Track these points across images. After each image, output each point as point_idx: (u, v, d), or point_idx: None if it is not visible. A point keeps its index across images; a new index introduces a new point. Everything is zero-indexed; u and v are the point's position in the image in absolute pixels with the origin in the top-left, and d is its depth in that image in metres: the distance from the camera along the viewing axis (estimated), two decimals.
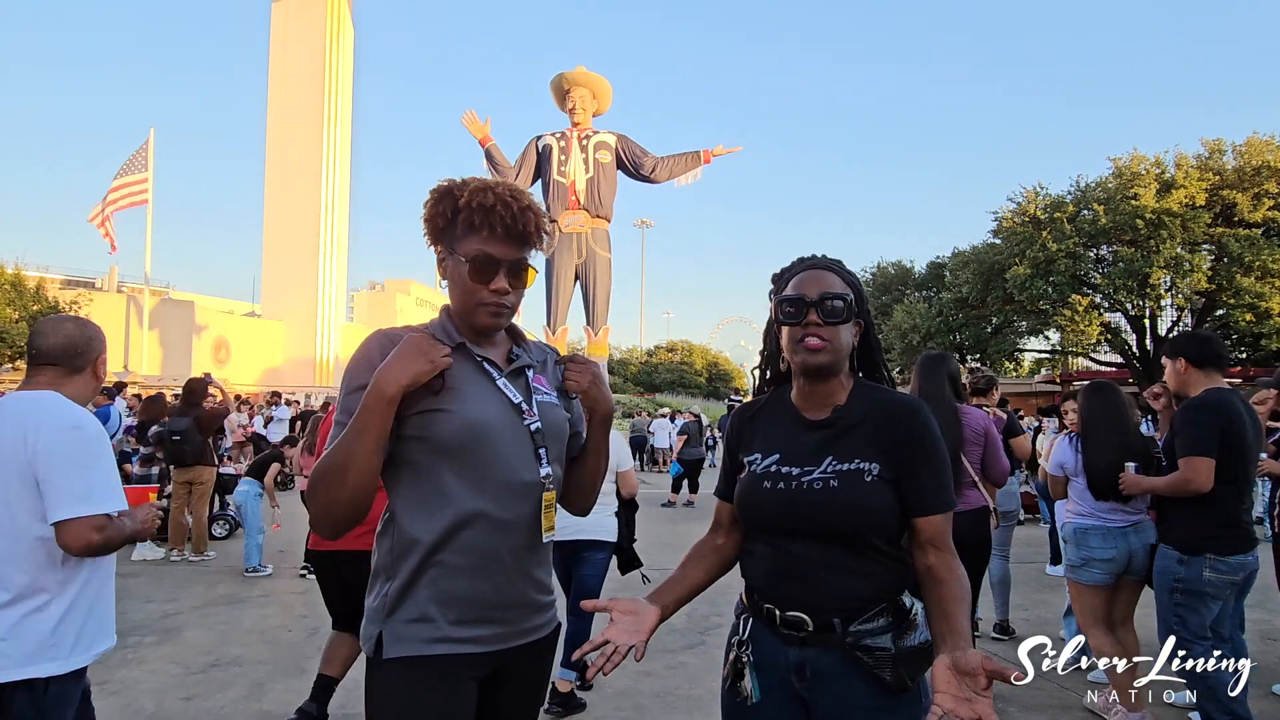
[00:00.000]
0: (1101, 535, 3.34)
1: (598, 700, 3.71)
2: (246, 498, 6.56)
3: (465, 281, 1.37)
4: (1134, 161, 21.75)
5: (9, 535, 1.75)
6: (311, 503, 1.31)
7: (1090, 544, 3.36)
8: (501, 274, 1.37)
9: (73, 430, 1.80)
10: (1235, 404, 2.93)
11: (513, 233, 1.36)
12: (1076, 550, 3.41)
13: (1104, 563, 3.32)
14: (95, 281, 39.41)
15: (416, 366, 1.27)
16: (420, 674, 1.31)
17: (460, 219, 1.35)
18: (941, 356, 3.62)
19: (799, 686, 1.39)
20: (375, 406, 1.25)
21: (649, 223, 53.82)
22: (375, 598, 1.37)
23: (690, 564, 1.63)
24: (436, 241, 1.42)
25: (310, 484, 1.30)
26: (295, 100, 39.47)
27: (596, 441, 1.56)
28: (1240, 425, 2.88)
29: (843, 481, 1.38)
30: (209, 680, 3.92)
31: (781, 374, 1.58)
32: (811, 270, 1.49)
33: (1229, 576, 2.82)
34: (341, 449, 1.26)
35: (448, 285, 1.42)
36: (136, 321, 31.42)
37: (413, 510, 1.34)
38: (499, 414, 1.37)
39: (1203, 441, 2.85)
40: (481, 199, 1.34)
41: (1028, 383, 30.38)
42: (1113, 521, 3.34)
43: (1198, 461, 2.84)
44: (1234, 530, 2.86)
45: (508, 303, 1.39)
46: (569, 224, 16.84)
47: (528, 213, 1.37)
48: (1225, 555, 2.82)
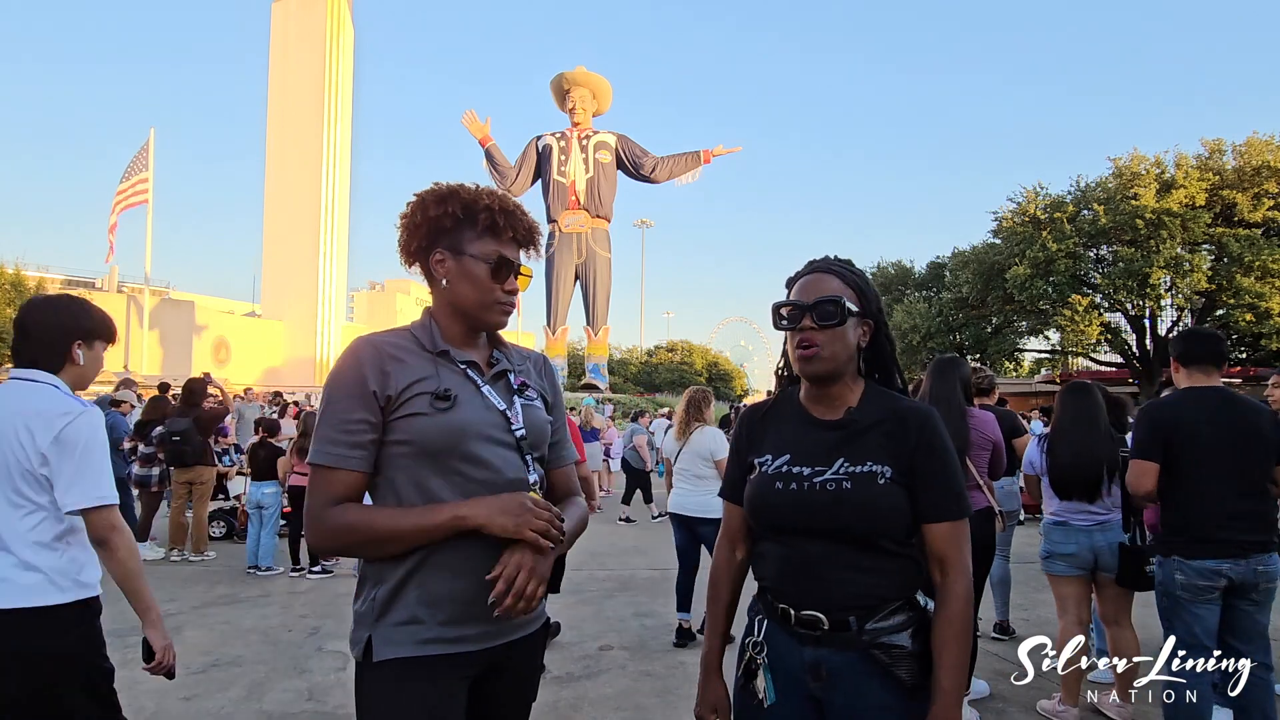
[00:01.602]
0: (1064, 531, 3.47)
1: (598, 700, 3.71)
2: (272, 498, 6.59)
3: (484, 281, 1.41)
4: (1134, 161, 21.76)
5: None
6: (327, 544, 1.34)
7: (1053, 538, 3.52)
8: (513, 276, 1.45)
9: None
10: (1187, 408, 2.81)
11: (522, 239, 1.46)
12: (1044, 543, 3.59)
13: (1065, 557, 3.46)
14: (95, 281, 39.45)
15: (504, 521, 1.29)
16: (411, 675, 1.31)
17: (481, 219, 1.40)
18: (954, 360, 3.67)
19: (814, 686, 1.39)
20: (446, 528, 1.29)
21: (649, 223, 53.66)
22: (363, 602, 1.37)
23: (720, 591, 1.65)
24: (435, 242, 1.43)
25: (336, 534, 1.31)
26: (295, 100, 39.44)
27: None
28: (1189, 429, 2.75)
29: (856, 483, 1.38)
30: (209, 680, 3.92)
31: (794, 377, 1.58)
32: (813, 274, 1.49)
33: (1199, 581, 2.71)
34: (389, 529, 1.29)
35: (450, 285, 1.42)
36: (136, 321, 31.40)
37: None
38: (483, 417, 1.38)
39: (1141, 445, 2.85)
40: (503, 204, 1.43)
41: (1028, 383, 30.36)
42: (1075, 520, 3.44)
43: (1136, 464, 2.86)
44: (1198, 534, 2.73)
45: (515, 303, 1.48)
46: (569, 224, 16.81)
47: (535, 223, 1.50)
48: (1190, 559, 2.73)
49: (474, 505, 1.30)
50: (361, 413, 1.32)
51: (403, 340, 1.41)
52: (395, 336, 1.42)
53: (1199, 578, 2.72)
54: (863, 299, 1.47)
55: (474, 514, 1.29)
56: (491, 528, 1.29)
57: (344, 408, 1.33)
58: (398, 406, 1.33)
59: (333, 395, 1.35)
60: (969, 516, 1.43)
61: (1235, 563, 2.69)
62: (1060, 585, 3.51)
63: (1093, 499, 3.39)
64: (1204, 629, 2.74)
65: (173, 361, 32.23)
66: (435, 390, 1.35)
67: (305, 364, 37.92)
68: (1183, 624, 2.76)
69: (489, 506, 1.30)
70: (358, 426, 1.32)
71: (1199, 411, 2.79)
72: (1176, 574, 2.76)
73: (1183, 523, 2.79)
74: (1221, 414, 2.77)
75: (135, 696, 3.69)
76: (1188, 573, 2.73)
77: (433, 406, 1.34)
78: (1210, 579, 2.71)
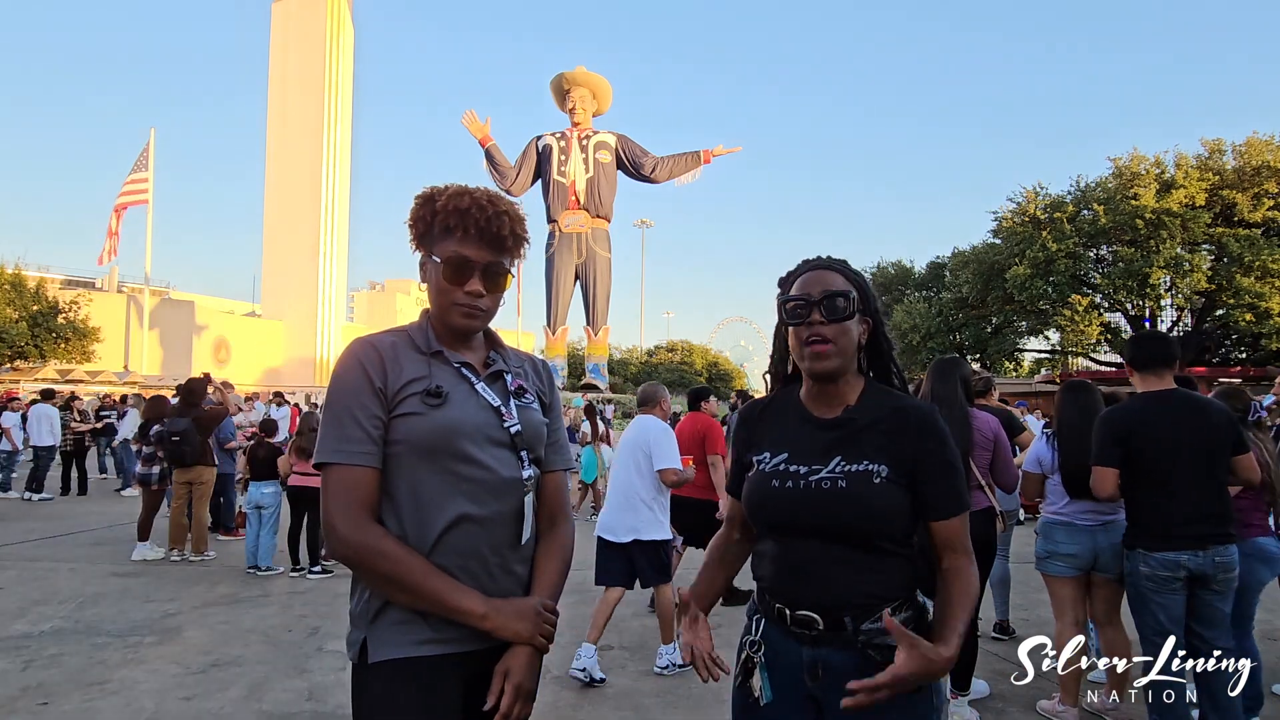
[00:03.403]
0: (1067, 531, 3.44)
1: (598, 700, 3.71)
2: (271, 498, 6.58)
3: (440, 282, 1.40)
4: (1134, 161, 21.76)
5: None
6: (351, 558, 1.30)
7: (1055, 538, 3.48)
8: (476, 276, 1.39)
9: None
10: (1145, 411, 2.93)
11: (486, 235, 1.39)
12: (1043, 543, 3.54)
13: (1067, 557, 3.43)
14: (95, 281, 39.41)
15: (518, 626, 1.33)
16: (408, 676, 1.31)
17: (437, 221, 1.39)
18: (954, 360, 3.67)
19: (811, 686, 1.39)
20: (459, 613, 1.30)
21: (649, 223, 53.80)
22: (358, 603, 1.37)
23: (713, 567, 1.69)
24: (419, 246, 1.44)
25: (364, 552, 1.29)
26: (295, 100, 39.43)
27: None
28: (1149, 432, 2.88)
29: (851, 482, 1.38)
30: (209, 680, 3.92)
31: (791, 375, 1.58)
32: (815, 270, 1.49)
33: (1161, 572, 2.86)
34: (414, 582, 1.28)
35: (427, 288, 1.44)
36: (136, 321, 31.42)
37: (396, 517, 1.34)
38: (478, 416, 1.38)
39: (1099, 451, 2.97)
40: (457, 202, 1.38)
41: (1028, 383, 30.32)
42: (1080, 520, 3.41)
43: (1096, 471, 2.98)
44: (1161, 530, 2.87)
45: (482, 305, 1.41)
46: (569, 224, 16.83)
47: (503, 217, 1.40)
48: (1153, 551, 2.88)
49: (496, 614, 1.32)
50: (373, 408, 1.32)
51: (399, 340, 1.41)
52: (391, 336, 1.42)
53: (1161, 569, 2.87)
54: (863, 296, 1.48)
55: (496, 624, 1.32)
56: (504, 633, 1.33)
57: (355, 403, 1.32)
58: (395, 406, 1.34)
59: (341, 393, 1.34)
60: (971, 515, 1.43)
61: (1194, 554, 2.84)
62: (1058, 586, 3.49)
63: (1097, 498, 3.35)
64: (1169, 616, 2.89)
65: (173, 361, 32.25)
66: (427, 389, 1.35)
67: (305, 364, 37.92)
68: (1149, 613, 2.92)
69: (506, 615, 1.33)
70: (371, 422, 1.32)
71: (1158, 415, 2.91)
72: (1141, 566, 2.92)
73: (1146, 519, 2.94)
74: (1179, 415, 2.90)
75: (135, 696, 3.70)
76: (1151, 564, 2.89)
77: (424, 404, 1.34)
78: (1172, 569, 2.86)
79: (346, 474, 1.30)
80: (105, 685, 3.81)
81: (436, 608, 1.29)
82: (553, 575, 1.46)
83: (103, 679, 3.88)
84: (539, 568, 1.46)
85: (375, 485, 1.32)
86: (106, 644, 4.45)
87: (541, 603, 1.39)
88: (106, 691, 3.73)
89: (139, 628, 4.80)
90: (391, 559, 1.28)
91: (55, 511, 9.63)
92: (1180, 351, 3.29)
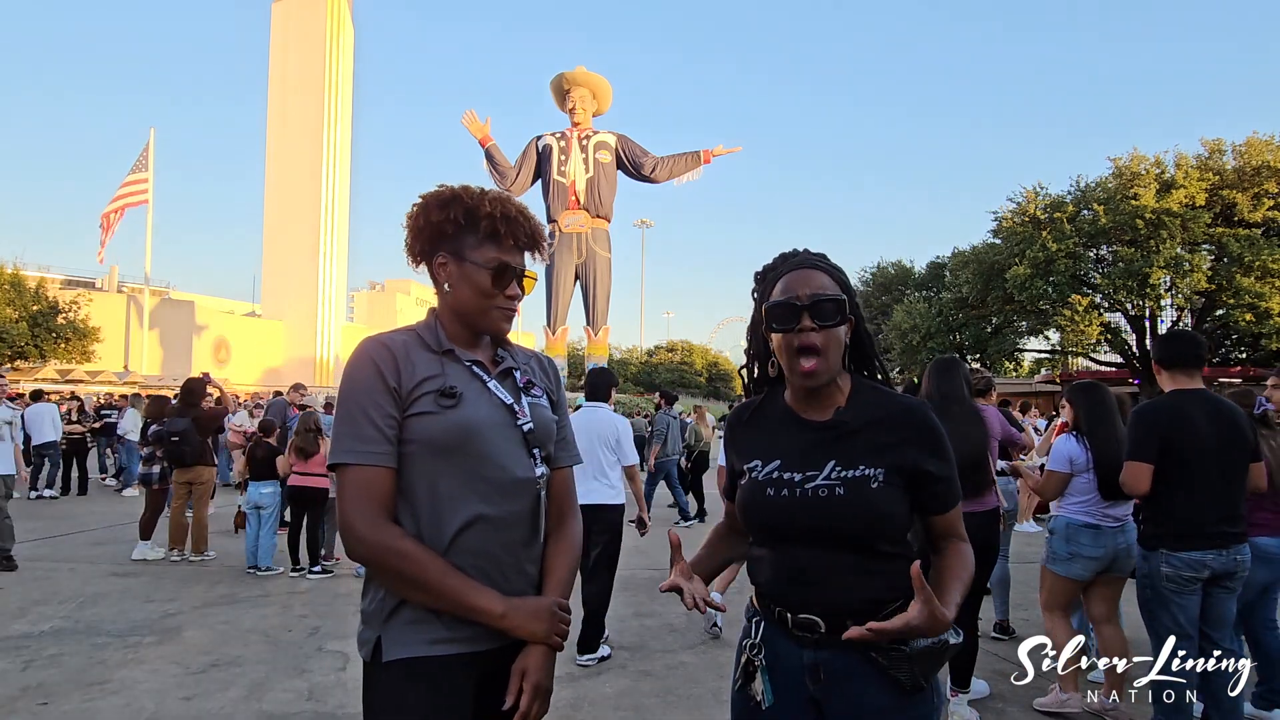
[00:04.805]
0: (1093, 534, 3.41)
1: (598, 700, 3.71)
2: (271, 499, 6.58)
3: (485, 287, 1.41)
4: (1134, 161, 21.73)
5: None
6: (370, 558, 1.30)
7: (1080, 540, 3.43)
8: (515, 281, 1.44)
9: None
10: (1183, 409, 2.89)
11: (524, 244, 1.46)
12: (1065, 544, 3.48)
13: (1090, 560, 3.42)
14: (95, 281, 39.42)
15: (534, 626, 1.34)
16: (421, 675, 1.31)
17: (483, 226, 1.40)
18: (954, 360, 3.69)
19: (813, 689, 1.38)
20: (476, 612, 1.30)
21: (649, 223, 53.78)
22: (371, 601, 1.36)
23: (717, 544, 1.67)
24: (438, 246, 1.43)
25: (384, 553, 1.28)
26: (295, 100, 39.45)
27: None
28: (1186, 430, 2.85)
29: (849, 489, 1.35)
30: (209, 680, 3.92)
31: (771, 376, 1.52)
32: (800, 270, 1.42)
33: (1185, 573, 2.84)
34: (435, 582, 1.28)
35: (451, 289, 1.43)
36: (136, 321, 31.44)
37: (412, 516, 1.34)
38: (491, 414, 1.38)
39: (1138, 447, 2.93)
40: (505, 209, 1.42)
41: (1028, 383, 30.33)
42: (1107, 522, 3.39)
43: (1131, 466, 2.93)
44: (1186, 528, 2.86)
45: (516, 307, 1.47)
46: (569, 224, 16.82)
47: (539, 227, 1.48)
48: (1177, 551, 2.85)
49: (514, 613, 1.33)
50: (388, 407, 1.32)
51: (410, 339, 1.41)
52: (402, 335, 1.42)
53: (1186, 569, 2.85)
54: (847, 295, 1.42)
55: (514, 624, 1.32)
56: (520, 632, 1.34)
57: (369, 403, 1.31)
58: (409, 405, 1.34)
59: (354, 392, 1.33)
60: (979, 515, 1.43)
61: (1219, 554, 2.84)
62: (1066, 584, 3.47)
63: (1126, 499, 3.32)
64: (1188, 618, 2.88)
65: (173, 361, 32.28)
66: (441, 388, 1.35)
67: (305, 364, 37.93)
68: (1168, 614, 2.89)
69: (523, 614, 1.34)
70: (385, 422, 1.32)
71: (1193, 414, 2.89)
72: (1163, 566, 2.88)
73: (1173, 518, 2.90)
74: (1212, 415, 2.89)
75: (135, 696, 3.70)
76: (1175, 564, 2.86)
77: (438, 404, 1.34)
78: (1196, 569, 2.85)
79: (363, 474, 1.30)
80: (105, 685, 3.81)
81: (454, 607, 1.30)
82: (563, 573, 1.46)
83: (103, 679, 3.88)
84: (550, 566, 1.46)
85: (391, 485, 1.32)
86: (106, 644, 4.46)
87: (556, 602, 1.40)
88: (106, 691, 3.73)
89: (139, 628, 4.80)
90: (410, 558, 1.28)
91: (55, 511, 9.64)
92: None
